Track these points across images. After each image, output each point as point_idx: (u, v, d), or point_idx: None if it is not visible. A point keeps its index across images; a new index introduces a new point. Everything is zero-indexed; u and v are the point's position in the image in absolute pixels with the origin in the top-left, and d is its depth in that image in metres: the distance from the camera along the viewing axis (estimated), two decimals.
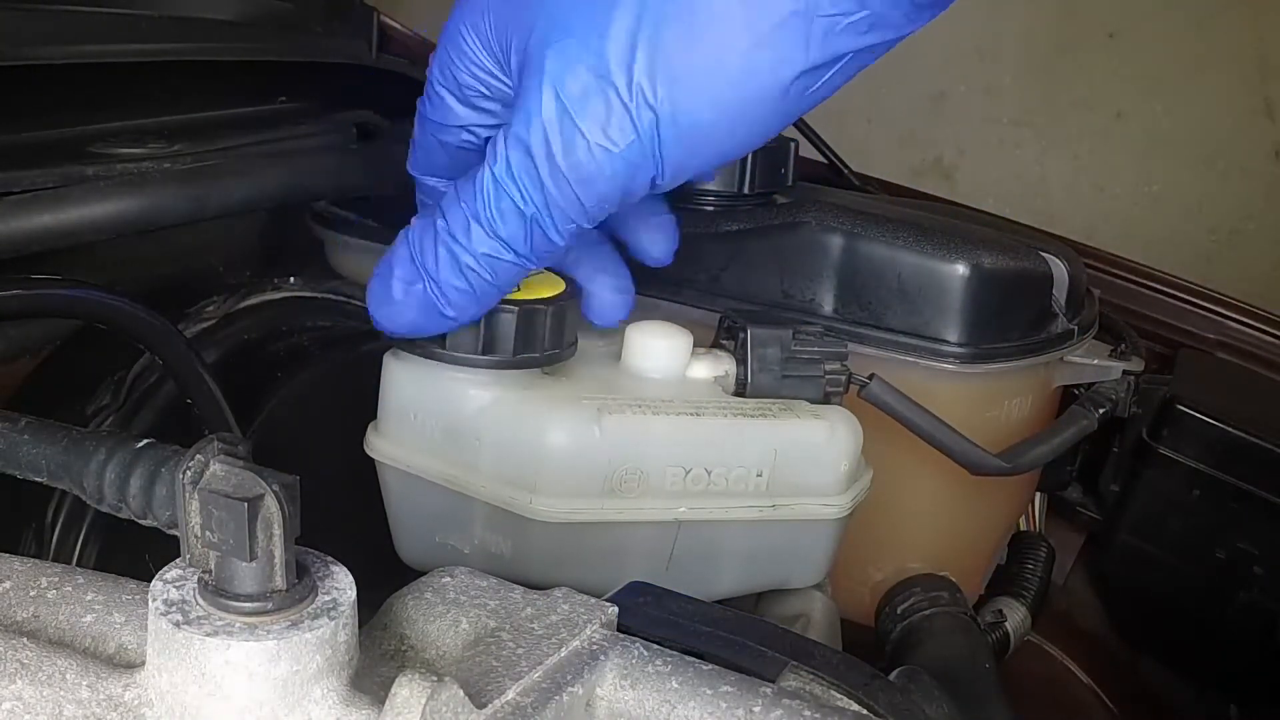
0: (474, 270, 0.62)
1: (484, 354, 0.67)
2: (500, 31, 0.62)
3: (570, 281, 0.72)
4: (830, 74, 0.57)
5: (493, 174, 0.60)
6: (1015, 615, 1.03)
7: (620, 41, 0.56)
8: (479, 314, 0.65)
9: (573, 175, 0.58)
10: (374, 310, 0.66)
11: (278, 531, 0.41)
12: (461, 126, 0.68)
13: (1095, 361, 0.99)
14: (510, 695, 0.45)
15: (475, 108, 0.66)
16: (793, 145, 0.96)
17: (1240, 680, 1.09)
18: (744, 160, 0.92)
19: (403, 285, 0.64)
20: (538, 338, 0.68)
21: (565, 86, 0.57)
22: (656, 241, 0.75)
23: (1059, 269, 0.95)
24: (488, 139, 0.67)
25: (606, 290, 0.73)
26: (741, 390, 0.73)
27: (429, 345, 0.67)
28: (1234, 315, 1.25)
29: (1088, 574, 1.21)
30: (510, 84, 0.63)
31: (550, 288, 0.70)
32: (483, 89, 0.65)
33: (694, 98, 0.56)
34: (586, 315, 0.74)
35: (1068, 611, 1.21)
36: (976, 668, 0.86)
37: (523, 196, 0.59)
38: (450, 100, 0.67)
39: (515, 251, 0.61)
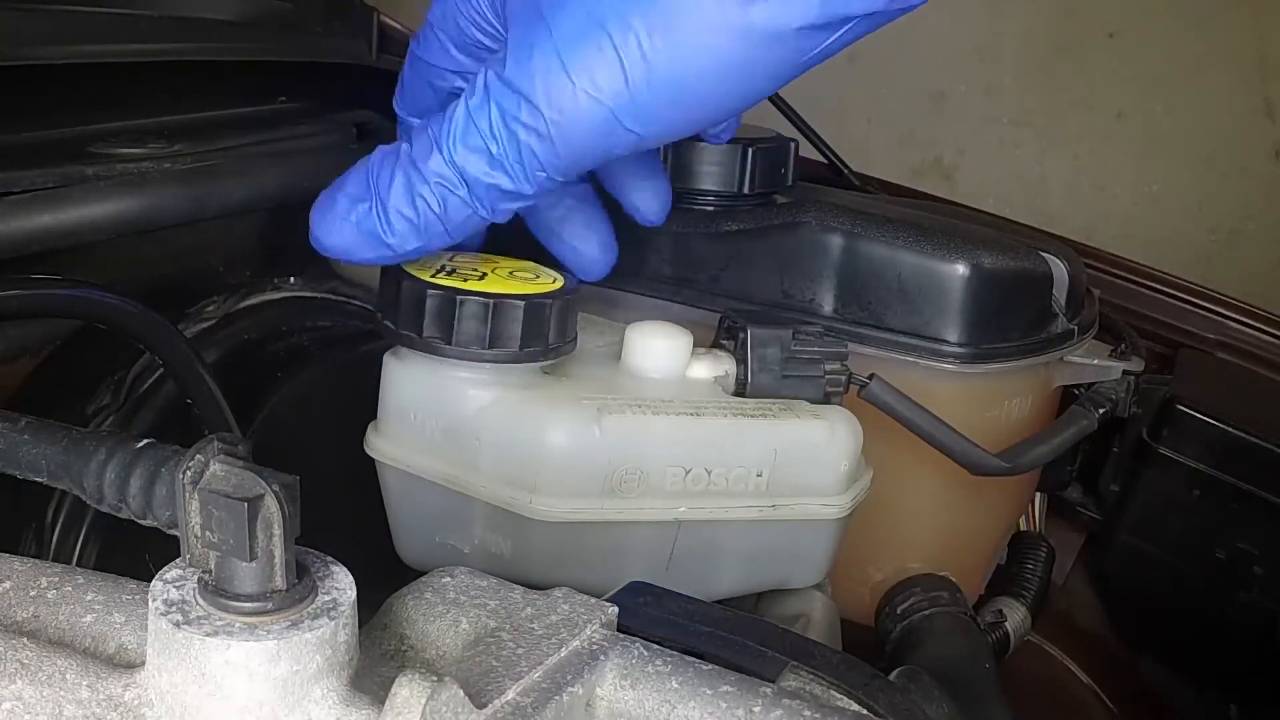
0: (424, 200, 0.61)
1: (490, 348, 0.67)
2: None
3: (569, 276, 0.72)
4: (832, 38, 0.56)
5: (467, 106, 0.58)
6: (1015, 615, 1.03)
7: None
8: (419, 250, 0.64)
9: (553, 120, 0.57)
10: (314, 225, 0.64)
11: (278, 531, 0.41)
12: (456, 71, 0.67)
13: (1095, 361, 0.99)
14: (510, 695, 0.45)
15: (471, 55, 0.66)
16: (793, 145, 0.96)
17: (1240, 680, 1.09)
18: (744, 160, 0.92)
19: (349, 201, 0.63)
20: (544, 331, 0.68)
21: (560, 27, 0.56)
22: (648, 201, 0.74)
23: (1059, 269, 0.95)
24: None
25: (592, 247, 0.73)
26: (741, 390, 0.73)
27: (433, 341, 0.67)
28: (1234, 315, 1.25)
29: (1088, 574, 1.21)
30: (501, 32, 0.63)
31: (549, 283, 0.70)
32: (481, 36, 0.64)
33: (687, 48, 0.55)
34: (572, 269, 0.74)
35: (1068, 611, 1.21)
36: (976, 668, 0.86)
37: (493, 134, 0.58)
38: (447, 44, 0.66)
39: (470, 189, 0.60)
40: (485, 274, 0.70)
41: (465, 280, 0.68)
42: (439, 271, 0.69)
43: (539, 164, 0.59)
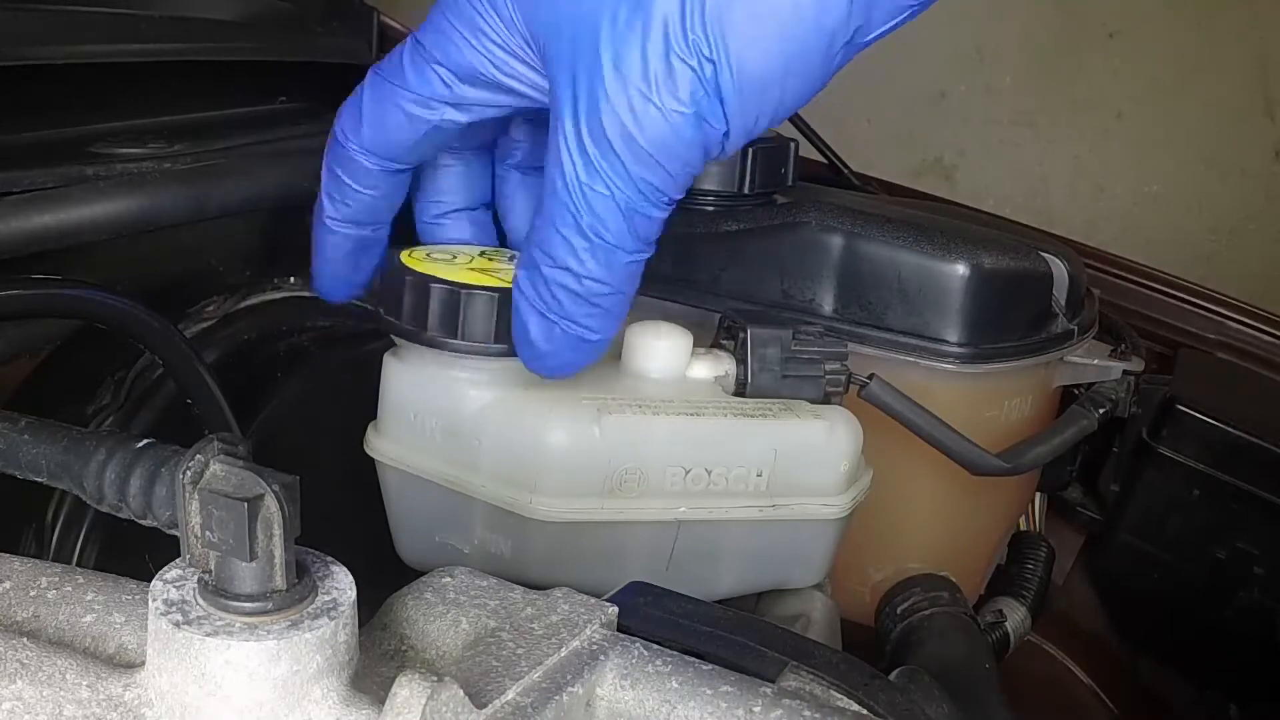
0: (596, 292, 0.61)
1: (497, 343, 0.67)
2: (527, 9, 0.60)
3: None
4: (874, 27, 0.57)
5: (577, 179, 0.58)
6: (1015, 615, 1.03)
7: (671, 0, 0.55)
8: (619, 324, 0.64)
9: (654, 148, 0.57)
10: (534, 368, 0.65)
11: (278, 531, 0.41)
12: (454, 104, 0.65)
13: (1095, 361, 0.99)
14: (510, 695, 0.45)
15: (479, 86, 0.64)
16: (793, 145, 0.96)
17: (1240, 680, 1.09)
18: (744, 160, 0.92)
19: (543, 337, 0.63)
20: None
21: (622, 58, 0.56)
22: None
23: (1059, 269, 0.95)
24: (471, 123, 0.66)
25: None
26: (741, 390, 0.73)
27: (439, 337, 0.67)
28: (1234, 315, 1.25)
29: (1088, 574, 1.21)
30: (533, 63, 0.62)
31: None
32: (494, 68, 0.63)
33: (747, 47, 0.55)
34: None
35: (1067, 611, 1.21)
36: (976, 668, 0.86)
37: (609, 187, 0.58)
38: (444, 75, 0.64)
39: (625, 250, 0.60)
40: (473, 265, 0.70)
41: (466, 270, 0.68)
42: (438, 261, 0.69)
43: (659, 190, 0.59)
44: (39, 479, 0.55)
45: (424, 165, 0.73)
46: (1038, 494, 1.13)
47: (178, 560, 0.44)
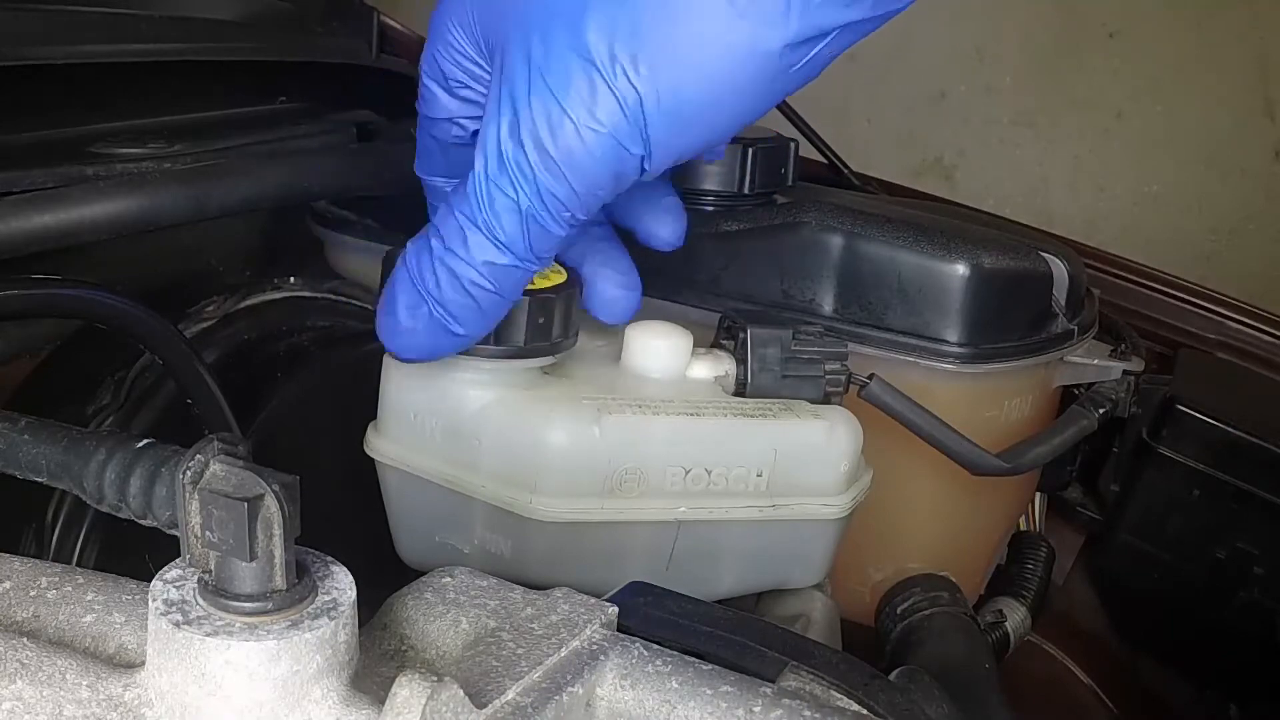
0: (476, 284, 0.61)
1: (497, 344, 0.67)
2: (483, 17, 0.61)
3: (573, 272, 0.72)
4: (817, 49, 0.56)
5: (485, 173, 0.59)
6: (1015, 615, 1.03)
7: (600, 19, 0.55)
8: (488, 327, 0.64)
9: (564, 160, 0.57)
10: (386, 342, 0.65)
11: (278, 531, 0.41)
12: (449, 120, 0.67)
13: (1095, 361, 0.99)
14: (510, 695, 0.45)
15: (460, 98, 0.66)
16: (793, 145, 0.96)
17: (1240, 680, 1.09)
18: (744, 160, 0.92)
19: (408, 311, 0.63)
20: (549, 326, 0.68)
21: (549, 69, 0.57)
22: (665, 224, 0.74)
23: (1059, 269, 0.95)
24: (474, 131, 0.66)
25: (611, 286, 0.73)
26: (741, 390, 0.73)
27: None
28: (1234, 315, 1.25)
29: (1088, 574, 1.21)
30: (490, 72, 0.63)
31: (554, 275, 0.70)
32: (466, 78, 0.64)
33: (676, 73, 0.56)
34: (593, 312, 0.73)
35: (1068, 611, 1.21)
36: (976, 668, 0.86)
37: (514, 188, 0.58)
38: (438, 92, 0.66)
39: (514, 254, 0.60)
40: None
41: None
42: None
43: (563, 206, 0.59)
44: (39, 479, 0.56)
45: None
46: (1038, 494, 1.13)
47: (178, 560, 0.44)
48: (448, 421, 0.69)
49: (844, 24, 0.56)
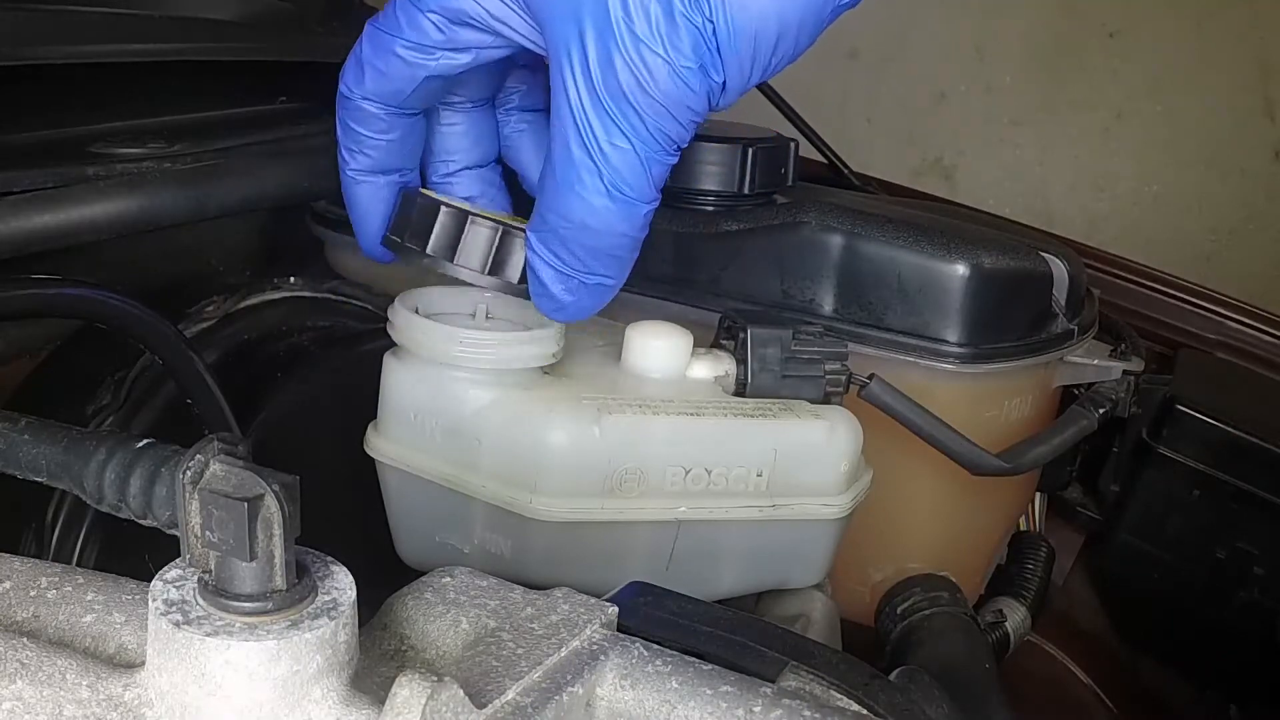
0: (617, 246, 0.64)
1: (491, 274, 0.68)
2: None
3: None
4: None
5: (594, 137, 0.60)
6: (1015, 615, 1.03)
7: None
8: (632, 265, 0.66)
9: (667, 100, 0.59)
10: (552, 315, 0.67)
11: (278, 531, 0.41)
12: (449, 48, 0.67)
13: (1095, 361, 0.99)
14: (510, 695, 0.45)
15: (469, 28, 0.65)
16: (793, 145, 0.96)
17: (1240, 680, 1.09)
18: (744, 160, 0.92)
19: (562, 289, 0.65)
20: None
21: (633, 16, 0.58)
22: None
23: (1059, 269, 0.95)
24: (463, 72, 0.68)
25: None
26: (741, 390, 0.73)
27: (438, 258, 0.69)
28: (1234, 315, 1.25)
29: (1088, 574, 1.21)
30: (518, 9, 0.63)
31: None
32: (484, 9, 0.64)
33: (743, 7, 0.57)
34: None
35: (1068, 611, 1.21)
36: (976, 668, 0.86)
37: (630, 141, 0.60)
38: (436, 20, 0.65)
39: (645, 201, 0.62)
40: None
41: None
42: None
43: (672, 140, 0.61)
44: (39, 479, 0.55)
45: (430, 126, 0.76)
46: (1038, 494, 1.13)
47: (178, 560, 0.44)
48: (448, 421, 0.69)
49: None
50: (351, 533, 0.60)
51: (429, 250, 0.69)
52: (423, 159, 0.77)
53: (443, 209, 0.69)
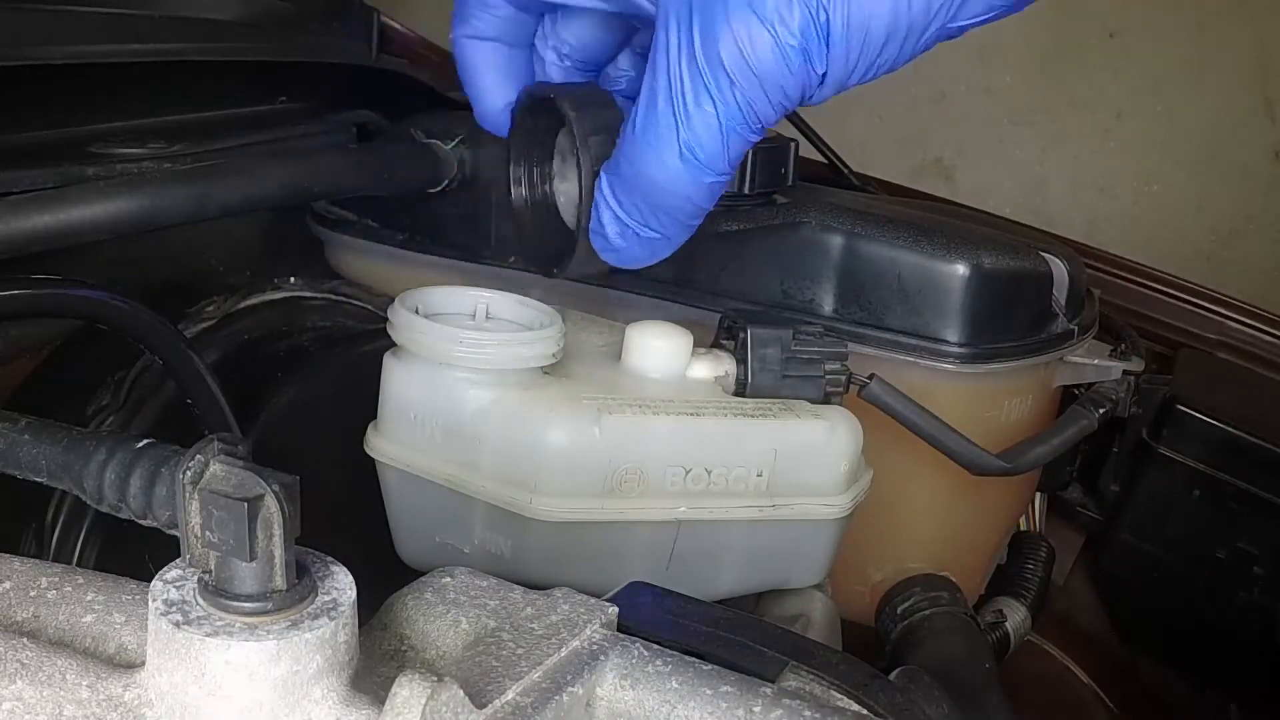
0: (680, 209, 0.63)
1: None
2: None
3: None
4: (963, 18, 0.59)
5: (683, 96, 0.59)
6: (1015, 615, 1.03)
7: None
8: (692, 232, 0.66)
9: (764, 74, 0.58)
10: (605, 257, 0.67)
11: (277, 531, 0.41)
12: None
13: (1095, 361, 0.99)
14: (510, 695, 0.45)
15: None
16: (793, 145, 0.96)
17: (1240, 679, 1.09)
18: (744, 160, 0.92)
19: (617, 235, 0.65)
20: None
21: None
22: None
23: (1059, 269, 0.95)
24: (575, 13, 0.68)
25: None
26: (741, 390, 0.73)
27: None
28: (1234, 315, 1.25)
29: (1088, 574, 1.21)
30: None
31: None
32: None
33: (860, 5, 0.57)
34: None
35: (1068, 611, 1.21)
36: (976, 668, 0.86)
37: (715, 106, 0.59)
38: None
39: (714, 171, 0.61)
40: None
41: None
42: None
43: (758, 117, 0.60)
44: (39, 479, 0.55)
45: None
46: (1038, 494, 1.13)
47: (178, 560, 0.44)
48: (448, 421, 0.69)
49: None
50: (352, 533, 0.60)
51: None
52: None
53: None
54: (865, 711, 0.51)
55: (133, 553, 0.70)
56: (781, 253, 0.90)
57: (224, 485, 0.42)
